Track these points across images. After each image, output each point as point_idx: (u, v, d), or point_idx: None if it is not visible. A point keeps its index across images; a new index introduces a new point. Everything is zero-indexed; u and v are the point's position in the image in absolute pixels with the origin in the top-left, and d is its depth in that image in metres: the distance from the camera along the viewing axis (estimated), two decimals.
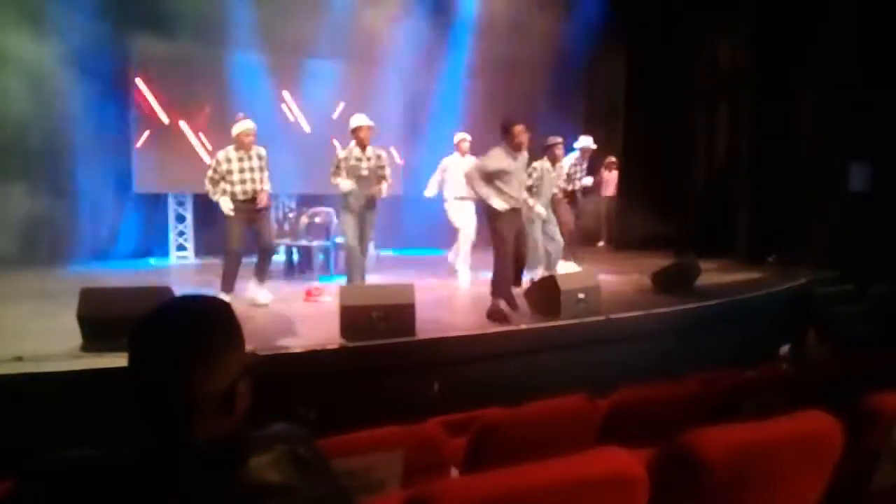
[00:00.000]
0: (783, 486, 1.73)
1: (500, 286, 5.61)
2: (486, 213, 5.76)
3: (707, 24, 9.95)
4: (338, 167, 6.16)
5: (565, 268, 7.30)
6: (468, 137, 7.79)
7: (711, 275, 7.41)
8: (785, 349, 4.32)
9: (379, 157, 6.23)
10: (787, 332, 4.67)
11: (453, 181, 7.59)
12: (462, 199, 7.56)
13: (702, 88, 10.20)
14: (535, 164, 6.73)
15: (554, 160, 7.20)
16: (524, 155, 5.83)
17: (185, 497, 1.07)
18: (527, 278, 6.94)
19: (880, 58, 7.74)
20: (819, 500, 1.80)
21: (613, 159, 10.95)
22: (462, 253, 7.82)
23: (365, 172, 6.12)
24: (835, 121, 8.22)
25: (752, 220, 9.11)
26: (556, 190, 7.54)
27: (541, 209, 6.87)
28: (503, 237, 5.61)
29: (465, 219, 7.71)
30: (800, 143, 8.71)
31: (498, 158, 5.61)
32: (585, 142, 7.92)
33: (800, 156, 8.65)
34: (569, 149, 7.87)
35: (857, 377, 2.86)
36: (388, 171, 6.31)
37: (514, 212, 5.74)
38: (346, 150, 6.19)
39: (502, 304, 5.49)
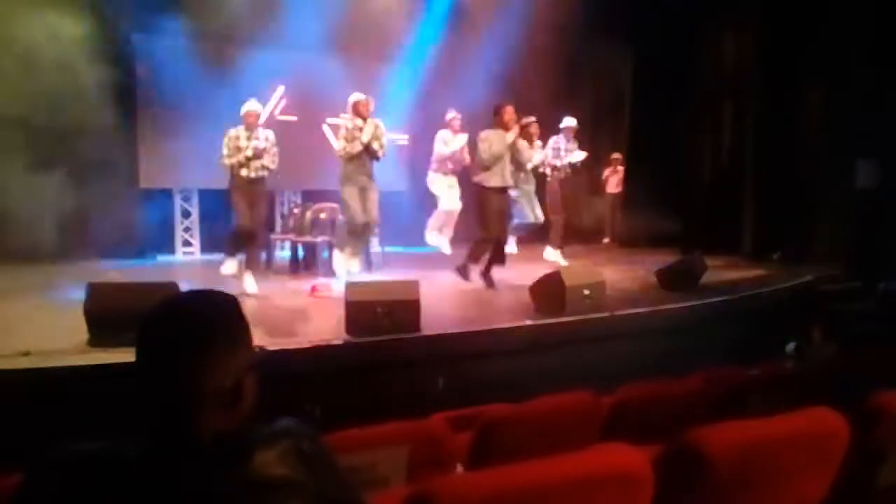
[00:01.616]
0: (789, 483, 1.72)
1: (475, 253, 6.19)
2: (476, 191, 6.26)
3: (713, 22, 9.90)
4: (344, 137, 6.46)
5: (553, 256, 7.43)
6: (459, 115, 7.92)
7: (717, 272, 7.38)
8: (790, 346, 4.29)
9: (377, 126, 6.52)
10: (792, 329, 4.64)
11: (440, 155, 7.86)
12: (446, 174, 7.85)
13: (707, 85, 10.16)
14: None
15: (529, 139, 7.33)
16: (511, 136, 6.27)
17: (190, 491, 1.08)
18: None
19: (886, 54, 7.70)
20: (825, 498, 1.79)
21: (618, 156, 10.93)
22: (431, 223, 8.04)
23: (364, 139, 6.40)
24: (840, 117, 8.17)
25: (757, 216, 9.07)
26: (548, 172, 7.74)
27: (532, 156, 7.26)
28: (488, 215, 6.13)
29: (447, 193, 7.94)
30: (805, 139, 8.67)
31: (495, 141, 6.11)
32: (568, 122, 7.98)
33: (805, 152, 8.60)
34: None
35: (863, 375, 2.85)
36: (384, 140, 6.56)
37: (503, 191, 6.20)
38: (349, 120, 6.48)
39: (472, 266, 6.19)
